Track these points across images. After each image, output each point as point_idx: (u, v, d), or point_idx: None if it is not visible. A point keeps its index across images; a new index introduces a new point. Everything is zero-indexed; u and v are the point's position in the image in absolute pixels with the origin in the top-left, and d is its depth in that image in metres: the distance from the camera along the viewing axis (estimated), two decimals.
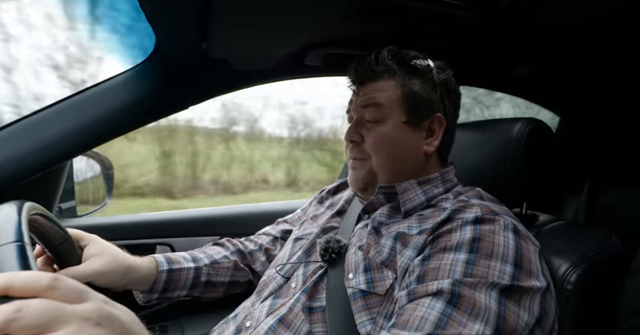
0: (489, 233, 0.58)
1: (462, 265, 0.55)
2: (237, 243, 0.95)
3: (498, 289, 0.53)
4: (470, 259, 0.56)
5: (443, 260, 0.57)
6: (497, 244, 0.57)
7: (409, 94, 0.73)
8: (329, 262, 0.70)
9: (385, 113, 0.73)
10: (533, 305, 0.54)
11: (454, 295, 0.53)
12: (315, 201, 0.99)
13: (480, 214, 0.61)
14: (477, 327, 0.50)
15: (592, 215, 1.51)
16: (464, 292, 0.53)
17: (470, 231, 0.59)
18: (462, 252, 0.57)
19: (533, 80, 1.27)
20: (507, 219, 0.62)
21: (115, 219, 1.20)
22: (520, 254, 0.57)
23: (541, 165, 0.80)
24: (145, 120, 0.87)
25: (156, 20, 0.73)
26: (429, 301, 0.53)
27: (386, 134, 0.73)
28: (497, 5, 0.80)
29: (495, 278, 0.54)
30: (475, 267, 0.55)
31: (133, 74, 0.86)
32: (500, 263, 0.55)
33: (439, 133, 0.75)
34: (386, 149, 0.74)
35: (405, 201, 0.71)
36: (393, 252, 0.64)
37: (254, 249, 0.94)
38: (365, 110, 0.75)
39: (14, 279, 0.29)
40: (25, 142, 0.78)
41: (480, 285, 0.53)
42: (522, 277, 0.55)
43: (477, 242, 0.57)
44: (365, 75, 0.76)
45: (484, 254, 0.56)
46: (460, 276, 0.54)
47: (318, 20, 0.69)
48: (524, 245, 0.59)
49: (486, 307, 0.51)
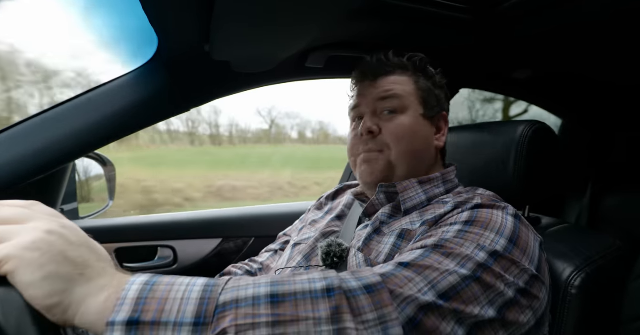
0: (486, 213, 0.58)
1: (454, 232, 0.54)
2: (243, 266, 0.94)
3: (486, 251, 0.51)
4: (464, 228, 0.55)
5: (436, 231, 0.57)
6: (494, 221, 0.56)
7: (423, 88, 0.75)
8: (331, 266, 0.69)
9: (405, 104, 0.74)
10: (520, 278, 0.51)
11: (437, 246, 0.52)
12: (313, 208, 0.98)
13: (481, 202, 0.62)
14: (452, 266, 0.48)
15: (595, 219, 1.51)
16: (448, 244, 0.51)
17: (468, 212, 0.59)
18: (457, 224, 0.56)
19: (536, 83, 1.27)
20: (508, 206, 0.61)
21: (118, 221, 1.20)
22: (518, 235, 0.55)
23: (544, 168, 0.80)
24: (148, 122, 0.87)
25: (159, 23, 0.73)
26: (411, 251, 0.53)
27: (407, 124, 0.73)
28: (499, 8, 0.80)
29: (485, 243, 0.52)
30: (467, 233, 0.54)
31: (135, 76, 0.86)
32: (495, 234, 0.54)
33: (445, 130, 0.78)
34: (407, 140, 0.73)
35: (406, 200, 0.71)
36: (395, 249, 0.64)
37: (259, 267, 0.94)
38: (384, 102, 0.74)
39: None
40: (28, 144, 0.78)
41: (468, 244, 0.51)
42: (515, 252, 0.53)
43: (474, 218, 0.57)
44: (381, 69, 0.76)
45: (478, 227, 0.55)
46: (449, 237, 0.53)
47: (320, 23, 0.70)
48: (523, 229, 0.57)
49: (467, 256, 0.49)
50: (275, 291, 0.40)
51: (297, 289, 0.41)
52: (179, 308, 0.37)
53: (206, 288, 0.39)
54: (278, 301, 0.40)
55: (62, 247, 0.37)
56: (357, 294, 0.42)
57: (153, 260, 1.20)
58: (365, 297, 0.42)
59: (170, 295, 0.38)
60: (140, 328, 0.35)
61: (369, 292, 0.42)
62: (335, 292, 0.41)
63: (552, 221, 0.84)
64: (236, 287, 0.40)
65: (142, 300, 0.37)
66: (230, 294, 0.39)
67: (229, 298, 0.39)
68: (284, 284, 0.42)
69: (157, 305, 0.37)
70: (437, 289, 0.45)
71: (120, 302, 0.36)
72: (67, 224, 0.40)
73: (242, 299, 0.39)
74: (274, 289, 0.41)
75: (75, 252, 0.38)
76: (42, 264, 0.35)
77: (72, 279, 0.36)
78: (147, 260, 1.19)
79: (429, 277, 0.46)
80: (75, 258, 0.37)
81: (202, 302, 0.38)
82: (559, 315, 0.65)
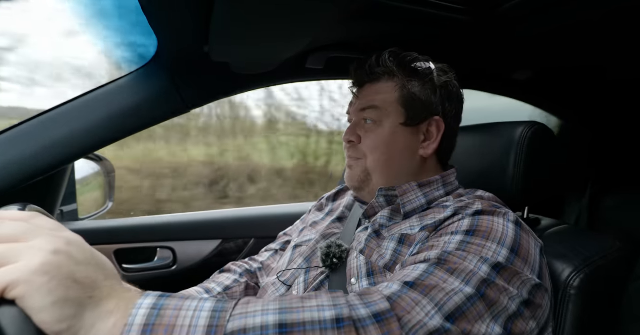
0: (487, 222, 0.58)
1: (456, 243, 0.55)
2: (242, 264, 0.94)
3: (489, 264, 0.51)
4: (466, 239, 0.55)
5: (438, 241, 0.57)
6: (495, 230, 0.57)
7: (407, 95, 0.74)
8: (331, 267, 0.69)
9: (383, 115, 0.74)
10: (523, 288, 0.52)
11: (440, 260, 0.52)
12: (314, 209, 0.98)
13: (481, 208, 0.62)
14: (457, 284, 0.48)
15: (595, 220, 1.51)
16: (451, 258, 0.52)
17: (469, 220, 0.59)
18: (458, 234, 0.57)
19: (536, 84, 1.27)
20: (509, 212, 0.61)
21: (117, 222, 1.20)
22: (519, 244, 0.56)
23: (543, 169, 0.80)
24: (147, 124, 0.87)
25: (158, 24, 0.73)
26: (414, 265, 0.53)
27: (383, 135, 0.74)
28: (498, 9, 0.80)
29: (488, 255, 0.52)
30: (469, 245, 0.54)
31: (135, 77, 0.86)
32: (497, 245, 0.54)
33: (438, 137, 0.75)
34: (380, 150, 0.74)
35: (405, 203, 0.71)
36: (396, 255, 0.64)
37: (258, 267, 0.94)
38: (364, 113, 0.76)
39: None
40: (27, 145, 0.78)
41: (471, 257, 0.52)
42: (517, 262, 0.53)
43: (475, 227, 0.57)
44: (365, 77, 0.77)
45: (480, 237, 0.55)
46: (451, 250, 0.53)
47: (319, 24, 0.70)
48: (524, 237, 0.58)
49: (471, 272, 0.50)
50: (284, 320, 0.40)
51: (305, 318, 0.41)
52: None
53: (214, 314, 0.39)
54: (286, 332, 0.40)
55: (70, 268, 0.37)
56: (367, 324, 0.42)
57: (152, 261, 1.20)
58: (374, 328, 0.42)
59: (177, 321, 0.38)
60: None
61: (377, 321, 0.43)
62: (345, 323, 0.41)
63: (552, 222, 0.84)
64: (244, 314, 0.40)
65: (150, 328, 0.37)
66: (239, 322, 0.39)
67: (237, 326, 0.39)
68: (292, 312, 0.42)
69: (165, 333, 0.37)
70: (443, 311, 0.46)
71: (128, 329, 0.36)
72: (72, 239, 0.39)
73: (250, 328, 0.39)
74: (282, 318, 0.41)
75: (83, 272, 0.37)
76: (52, 289, 0.35)
77: (82, 303, 0.36)
78: (147, 261, 1.19)
79: (435, 298, 0.47)
80: (84, 279, 0.37)
81: (210, 331, 0.38)
82: (558, 316, 0.65)
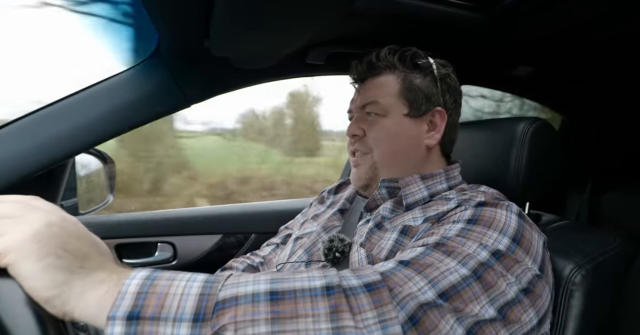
0: (490, 212, 0.58)
1: (456, 230, 0.54)
2: (244, 260, 0.94)
3: (488, 251, 0.51)
4: (467, 227, 0.55)
5: (438, 229, 0.57)
6: (497, 220, 0.56)
7: (409, 87, 0.74)
8: (333, 261, 0.69)
9: (386, 108, 0.74)
10: (523, 277, 0.51)
11: (438, 244, 0.52)
12: (315, 202, 0.98)
13: (485, 200, 0.61)
14: (453, 264, 0.48)
15: (595, 216, 1.51)
16: (450, 243, 0.51)
17: (472, 210, 0.59)
18: (459, 223, 0.56)
19: (537, 80, 1.27)
20: (512, 204, 0.61)
21: (117, 217, 1.20)
22: (522, 234, 0.55)
23: (544, 165, 0.79)
24: (148, 119, 0.87)
25: (158, 18, 0.73)
26: (412, 248, 0.53)
27: (388, 127, 0.74)
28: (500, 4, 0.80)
29: (488, 242, 0.52)
30: (469, 232, 0.54)
31: (135, 72, 0.86)
32: (498, 234, 0.54)
33: (441, 126, 0.75)
34: (388, 142, 0.74)
35: (408, 195, 0.71)
36: (397, 245, 0.64)
37: (260, 261, 0.94)
38: (367, 107, 0.76)
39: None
40: (27, 140, 0.78)
41: (470, 242, 0.51)
42: (518, 251, 0.53)
43: (478, 216, 0.57)
44: (367, 72, 0.77)
45: (481, 225, 0.55)
46: (451, 235, 0.53)
47: (320, 19, 0.69)
48: (527, 228, 0.57)
49: (469, 255, 0.49)
50: (275, 288, 0.41)
51: (296, 286, 0.41)
52: (179, 304, 0.37)
53: (206, 284, 0.40)
54: (277, 298, 0.40)
55: (62, 240, 0.37)
56: (357, 291, 0.42)
57: (153, 256, 1.20)
58: (364, 295, 0.42)
59: (170, 290, 0.38)
60: (140, 323, 0.35)
61: (368, 290, 0.43)
62: (335, 290, 0.41)
63: (552, 218, 0.84)
64: (236, 283, 0.41)
65: (143, 295, 0.37)
66: (230, 291, 0.39)
67: (229, 294, 0.39)
68: (284, 281, 0.42)
69: (157, 300, 0.37)
70: (437, 288, 0.45)
71: (121, 297, 0.36)
72: (68, 218, 0.41)
73: (242, 295, 0.39)
74: (273, 286, 0.41)
75: (75, 244, 0.38)
76: (42, 255, 0.35)
77: (72, 270, 0.36)
78: (147, 256, 1.20)
79: (429, 275, 0.46)
80: (75, 250, 0.38)
81: (202, 298, 0.38)
82: (559, 312, 0.65)
